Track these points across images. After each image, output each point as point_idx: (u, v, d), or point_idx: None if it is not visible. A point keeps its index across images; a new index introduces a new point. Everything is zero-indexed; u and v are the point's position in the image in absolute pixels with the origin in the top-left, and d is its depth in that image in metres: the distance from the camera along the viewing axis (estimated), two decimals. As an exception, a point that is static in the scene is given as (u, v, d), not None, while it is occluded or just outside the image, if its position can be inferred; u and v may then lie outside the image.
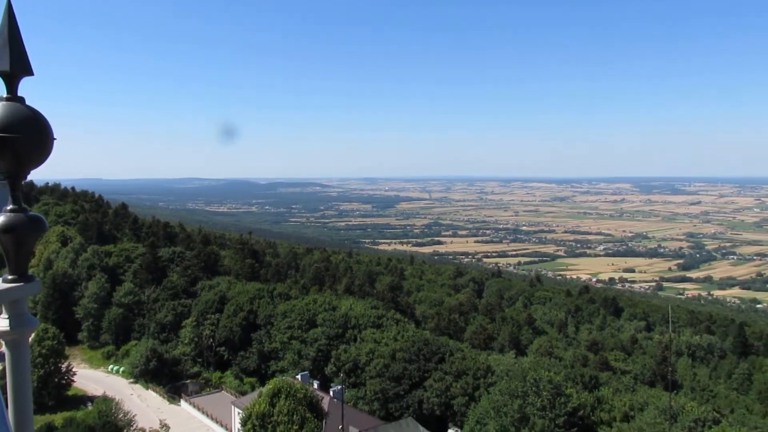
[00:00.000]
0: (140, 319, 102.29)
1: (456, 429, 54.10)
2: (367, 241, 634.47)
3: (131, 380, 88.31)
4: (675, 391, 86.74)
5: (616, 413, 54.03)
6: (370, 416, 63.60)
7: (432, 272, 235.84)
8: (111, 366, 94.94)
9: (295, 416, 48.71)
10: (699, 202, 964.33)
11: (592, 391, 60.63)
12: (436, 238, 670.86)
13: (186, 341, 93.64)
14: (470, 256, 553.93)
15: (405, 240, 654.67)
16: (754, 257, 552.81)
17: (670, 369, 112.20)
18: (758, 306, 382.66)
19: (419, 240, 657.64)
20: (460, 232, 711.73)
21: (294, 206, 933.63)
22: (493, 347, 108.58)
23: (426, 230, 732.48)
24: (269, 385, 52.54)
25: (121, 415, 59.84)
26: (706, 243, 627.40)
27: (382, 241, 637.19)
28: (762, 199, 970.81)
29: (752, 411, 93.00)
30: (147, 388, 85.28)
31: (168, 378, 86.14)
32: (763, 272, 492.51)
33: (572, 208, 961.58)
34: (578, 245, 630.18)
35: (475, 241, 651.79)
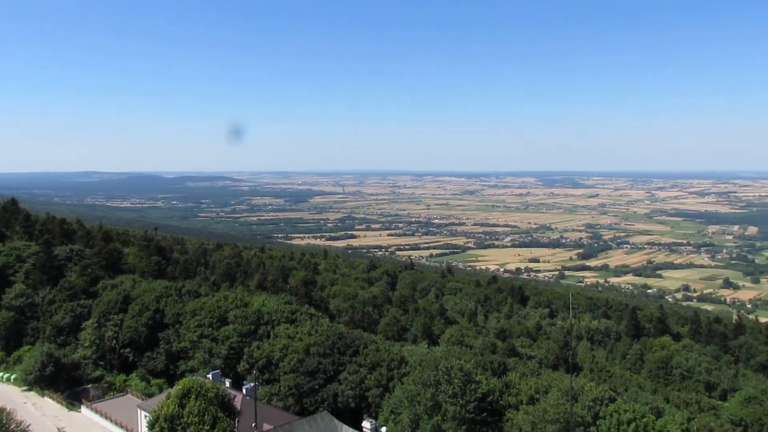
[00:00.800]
0: (34, 322, 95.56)
1: (371, 420, 54.55)
2: (280, 235, 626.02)
3: (24, 388, 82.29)
4: (576, 373, 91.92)
5: (523, 396, 56.40)
6: (285, 412, 62.90)
7: (346, 266, 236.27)
8: (1, 374, 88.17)
9: (206, 416, 47.29)
10: (597, 195, 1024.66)
11: (500, 377, 62.97)
12: (350, 232, 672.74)
13: (86, 344, 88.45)
14: (384, 250, 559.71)
15: (319, 234, 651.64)
16: (645, 246, 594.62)
17: (571, 352, 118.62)
18: (649, 291, 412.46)
19: (333, 234, 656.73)
20: (373, 226, 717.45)
21: (203, 201, 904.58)
22: (407, 338, 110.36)
23: (340, 224, 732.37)
24: (178, 386, 50.65)
25: (13, 426, 55.65)
26: (603, 233, 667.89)
27: (296, 235, 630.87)
28: (652, 192, 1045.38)
29: (644, 388, 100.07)
30: (43, 396, 79.82)
31: (66, 384, 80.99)
32: (653, 260, 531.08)
33: (481, 201, 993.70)
34: (487, 237, 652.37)
35: (389, 235, 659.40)
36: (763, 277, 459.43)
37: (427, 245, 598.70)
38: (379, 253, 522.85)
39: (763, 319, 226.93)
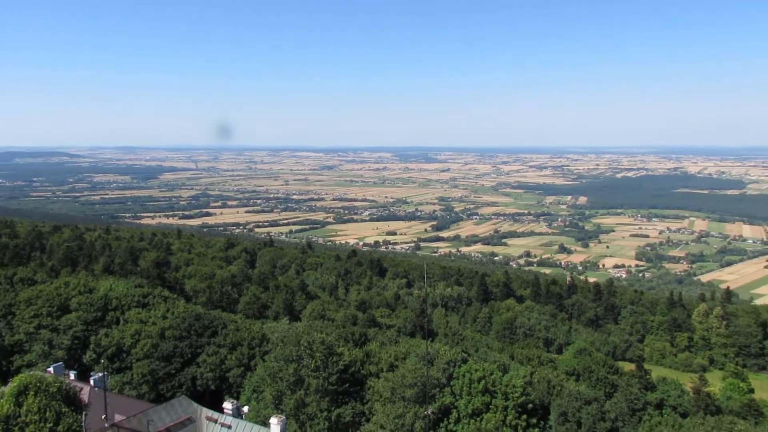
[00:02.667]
0: None
1: (232, 401, 53.45)
2: (127, 215, 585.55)
3: None
4: (431, 339, 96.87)
5: (383, 365, 58.38)
6: (139, 401, 59.59)
7: (202, 245, 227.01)
8: None
9: (48, 413, 43.45)
10: (448, 170, 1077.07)
11: (361, 347, 64.57)
12: (205, 210, 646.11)
13: None
14: (242, 227, 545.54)
15: (171, 213, 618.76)
16: (492, 216, 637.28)
17: (427, 320, 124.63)
18: (496, 258, 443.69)
19: (187, 212, 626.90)
20: (230, 203, 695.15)
21: (35, 179, 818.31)
22: (268, 315, 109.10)
23: (194, 202, 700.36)
24: (13, 383, 45.90)
25: None
26: (454, 206, 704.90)
27: (146, 214, 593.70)
28: (497, 166, 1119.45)
29: (492, 348, 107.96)
30: None
31: None
32: (499, 229, 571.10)
33: (340, 176, 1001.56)
34: (346, 212, 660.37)
35: (246, 212, 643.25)
36: (591, 242, 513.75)
37: (286, 221, 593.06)
38: (237, 230, 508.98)
39: (591, 279, 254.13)
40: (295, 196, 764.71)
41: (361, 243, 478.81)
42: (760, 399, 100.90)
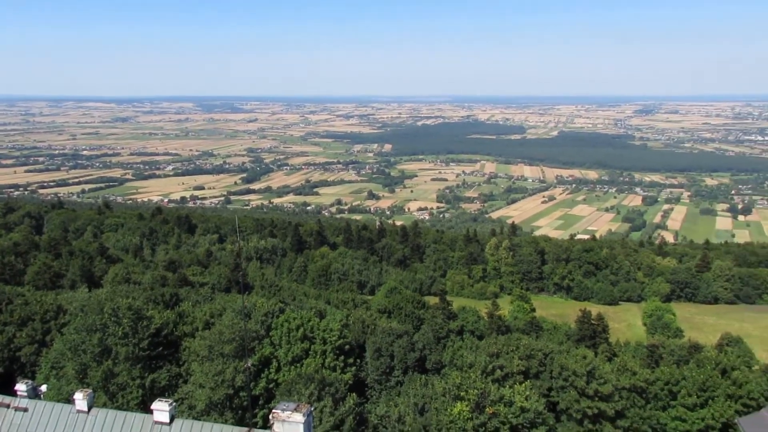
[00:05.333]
0: None
1: (26, 381, 48.11)
2: None
3: None
4: (248, 292, 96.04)
5: (198, 323, 56.67)
6: None
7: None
8: None
9: None
10: (255, 120, 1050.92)
11: (173, 308, 61.83)
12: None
13: None
14: (22, 189, 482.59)
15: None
16: (303, 167, 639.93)
17: (242, 274, 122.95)
18: (308, 208, 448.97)
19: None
20: (4, 162, 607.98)
21: None
22: (63, 285, 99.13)
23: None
24: None
25: None
26: (264, 157, 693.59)
27: None
28: (305, 115, 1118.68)
29: (309, 295, 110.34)
30: None
31: None
32: (310, 179, 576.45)
33: (136, 129, 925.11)
34: (146, 167, 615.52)
35: (27, 171, 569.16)
36: (398, 187, 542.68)
37: (77, 180, 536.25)
38: (16, 193, 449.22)
39: (399, 222, 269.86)
40: (85, 152, 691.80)
41: (166, 200, 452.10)
42: (540, 316, 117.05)
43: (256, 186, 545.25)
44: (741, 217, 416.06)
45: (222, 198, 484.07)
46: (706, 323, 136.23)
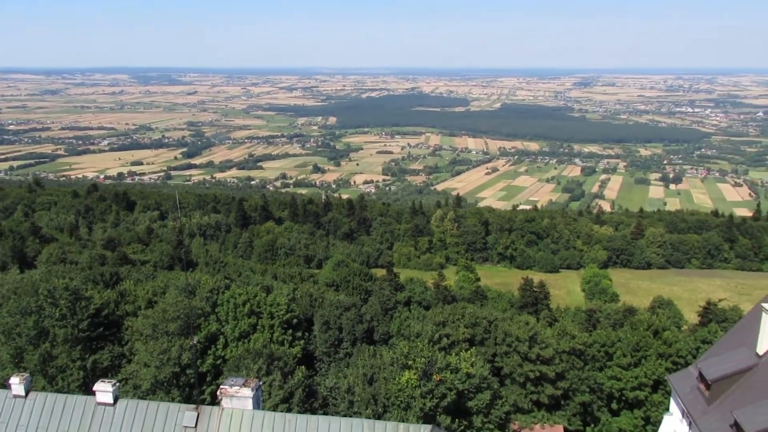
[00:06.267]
0: None
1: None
2: None
3: None
4: (192, 269, 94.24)
5: (141, 302, 55.35)
6: None
7: None
8: None
9: None
10: (195, 92, 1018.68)
11: (114, 288, 60.11)
12: None
13: None
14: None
15: None
16: (245, 140, 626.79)
17: (184, 250, 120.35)
18: (252, 182, 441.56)
19: None
20: None
21: None
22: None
23: None
24: None
25: None
26: (205, 130, 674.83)
27: None
28: (247, 88, 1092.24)
29: (255, 271, 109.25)
30: None
31: None
32: (253, 153, 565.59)
33: (67, 102, 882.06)
34: (80, 142, 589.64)
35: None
36: (343, 161, 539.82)
37: (3, 157, 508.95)
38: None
39: (345, 196, 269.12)
40: (11, 127, 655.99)
41: (102, 176, 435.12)
42: (484, 285, 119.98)
43: (197, 161, 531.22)
44: (672, 186, 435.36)
45: (162, 173, 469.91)
46: (640, 287, 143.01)
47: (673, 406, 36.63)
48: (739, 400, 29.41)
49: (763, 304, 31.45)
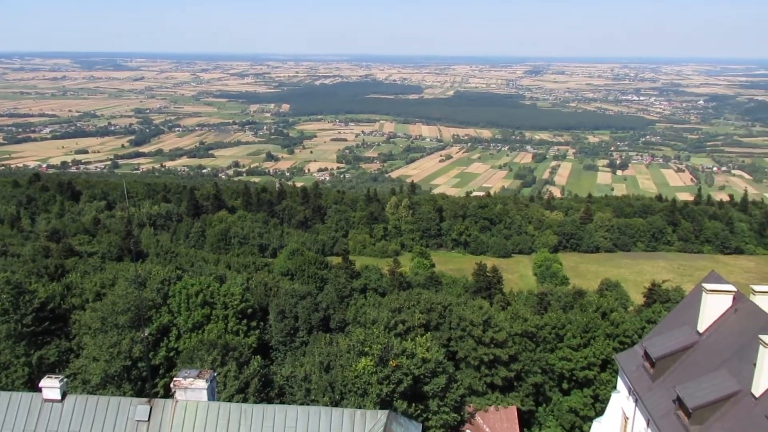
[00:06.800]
0: None
1: None
2: None
3: None
4: (142, 260, 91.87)
5: (89, 295, 53.75)
6: None
7: None
8: None
9: None
10: (142, 78, 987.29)
11: (59, 280, 58.19)
12: None
13: None
14: None
15: None
16: (196, 128, 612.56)
17: (134, 241, 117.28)
18: (203, 171, 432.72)
19: None
20: None
21: None
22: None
23: None
24: None
25: None
26: (153, 118, 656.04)
27: None
28: (197, 74, 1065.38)
29: (208, 261, 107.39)
30: None
31: None
32: (204, 141, 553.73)
33: (6, 87, 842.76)
34: (19, 129, 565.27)
35: None
36: (297, 148, 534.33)
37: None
38: None
39: (299, 184, 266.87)
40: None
41: (44, 165, 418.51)
42: (439, 271, 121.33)
43: (146, 149, 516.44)
44: (619, 172, 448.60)
45: (109, 162, 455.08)
46: (589, 270, 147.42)
47: (620, 384, 38.00)
48: (682, 376, 30.71)
49: (703, 285, 32.87)
